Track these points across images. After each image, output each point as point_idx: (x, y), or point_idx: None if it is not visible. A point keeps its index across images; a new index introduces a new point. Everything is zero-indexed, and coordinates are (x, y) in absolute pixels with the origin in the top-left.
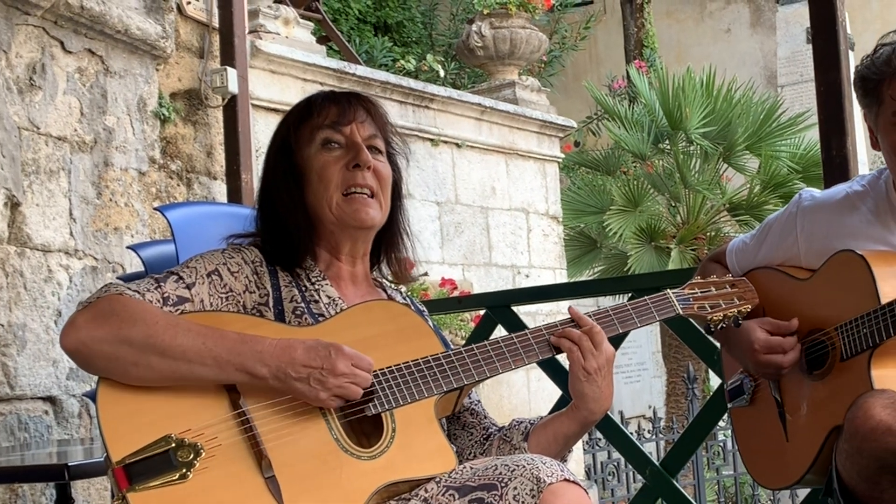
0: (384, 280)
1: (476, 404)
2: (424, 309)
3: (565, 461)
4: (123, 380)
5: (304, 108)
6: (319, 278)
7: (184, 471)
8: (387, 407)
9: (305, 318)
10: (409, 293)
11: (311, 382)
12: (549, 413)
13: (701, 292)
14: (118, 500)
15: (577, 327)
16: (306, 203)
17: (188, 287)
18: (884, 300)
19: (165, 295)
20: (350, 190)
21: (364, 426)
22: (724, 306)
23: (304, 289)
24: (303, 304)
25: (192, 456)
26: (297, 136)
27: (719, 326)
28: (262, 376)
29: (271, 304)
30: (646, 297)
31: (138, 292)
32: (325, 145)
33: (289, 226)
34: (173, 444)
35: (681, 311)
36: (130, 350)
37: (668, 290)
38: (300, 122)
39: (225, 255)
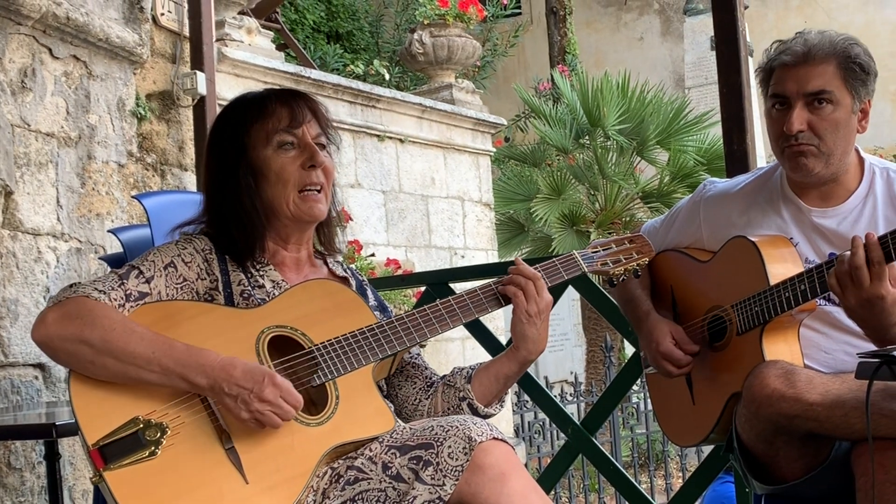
0: (326, 256)
1: (416, 357)
2: (364, 278)
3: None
4: (83, 373)
5: (256, 109)
6: (264, 264)
7: (153, 448)
8: (329, 377)
9: (253, 300)
10: (347, 265)
11: (237, 401)
12: None
13: (603, 250)
14: (96, 479)
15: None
16: (263, 200)
17: (148, 281)
18: (772, 281)
19: (128, 292)
20: (305, 188)
21: (311, 396)
22: (624, 261)
23: (250, 275)
24: (249, 288)
25: (159, 434)
26: (253, 136)
27: (621, 279)
28: (201, 386)
29: (221, 288)
30: (554, 259)
31: (103, 292)
32: (281, 147)
33: (244, 222)
34: (141, 425)
35: (586, 269)
36: (89, 350)
37: (574, 251)
38: (254, 122)
39: (178, 246)
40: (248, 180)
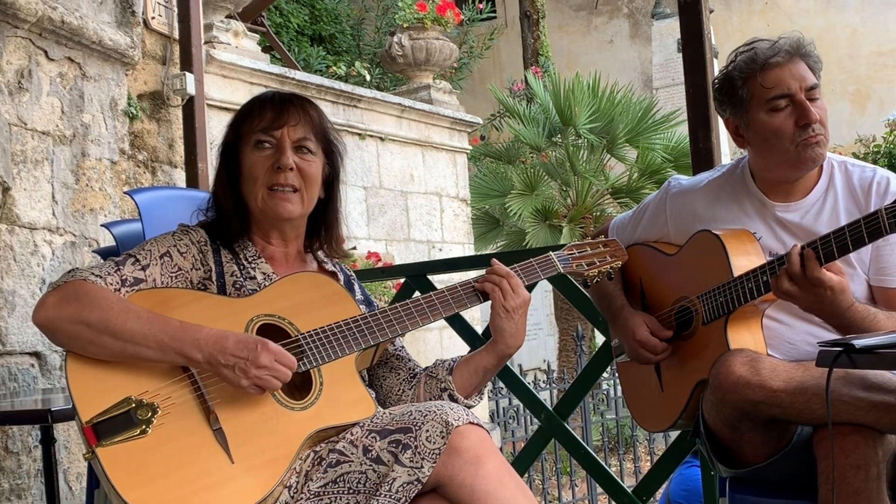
0: (318, 252)
1: (400, 349)
2: (353, 274)
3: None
4: (83, 353)
5: (246, 109)
6: (256, 258)
7: (143, 427)
8: (314, 364)
9: (244, 291)
10: (336, 261)
11: (235, 370)
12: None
13: (579, 252)
14: (89, 455)
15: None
16: (240, 195)
17: (143, 269)
18: (736, 273)
19: (124, 277)
20: (274, 187)
21: (296, 381)
22: (598, 263)
23: (242, 267)
24: (241, 279)
25: (150, 414)
26: (239, 135)
27: (595, 281)
28: (197, 360)
29: (214, 278)
30: (531, 259)
31: (100, 276)
32: (257, 146)
33: (227, 212)
34: (133, 405)
35: (562, 270)
36: (88, 330)
37: (550, 252)
38: (241, 123)
39: (175, 237)
40: (229, 174)
